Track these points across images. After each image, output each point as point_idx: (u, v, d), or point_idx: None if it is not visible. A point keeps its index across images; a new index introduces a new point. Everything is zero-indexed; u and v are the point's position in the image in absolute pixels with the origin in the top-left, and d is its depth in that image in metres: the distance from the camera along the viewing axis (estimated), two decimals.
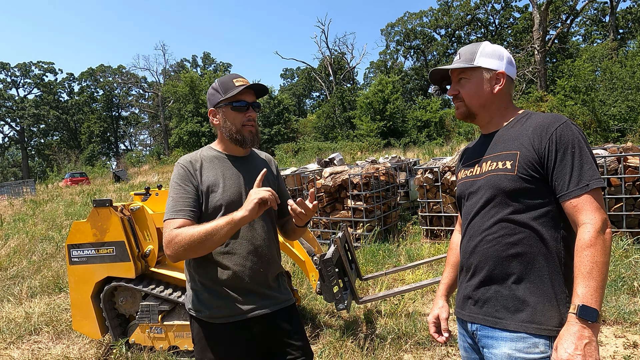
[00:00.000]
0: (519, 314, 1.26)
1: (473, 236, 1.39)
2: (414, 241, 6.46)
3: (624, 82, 18.37)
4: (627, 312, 3.44)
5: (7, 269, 6.81)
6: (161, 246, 3.37)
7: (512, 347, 1.25)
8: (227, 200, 1.61)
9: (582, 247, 1.18)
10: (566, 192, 1.23)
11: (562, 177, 1.24)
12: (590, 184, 1.20)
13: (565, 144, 1.24)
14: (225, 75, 1.74)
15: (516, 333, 1.25)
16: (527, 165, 1.27)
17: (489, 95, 1.41)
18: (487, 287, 1.33)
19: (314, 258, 3.36)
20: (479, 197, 1.37)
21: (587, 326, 1.12)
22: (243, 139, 1.68)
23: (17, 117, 53.46)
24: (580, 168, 1.22)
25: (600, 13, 41.42)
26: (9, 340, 4.00)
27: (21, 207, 14.95)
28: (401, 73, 46.39)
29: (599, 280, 1.14)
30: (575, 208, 1.21)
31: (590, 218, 1.19)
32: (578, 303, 1.14)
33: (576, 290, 1.16)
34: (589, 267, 1.15)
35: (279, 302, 1.70)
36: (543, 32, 23.82)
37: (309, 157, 24.96)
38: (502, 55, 1.42)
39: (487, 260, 1.33)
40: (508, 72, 1.42)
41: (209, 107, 1.73)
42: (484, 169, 1.38)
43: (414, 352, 3.22)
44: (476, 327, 1.37)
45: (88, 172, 34.63)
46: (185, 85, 37.67)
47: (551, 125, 1.27)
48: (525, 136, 1.31)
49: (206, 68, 59.14)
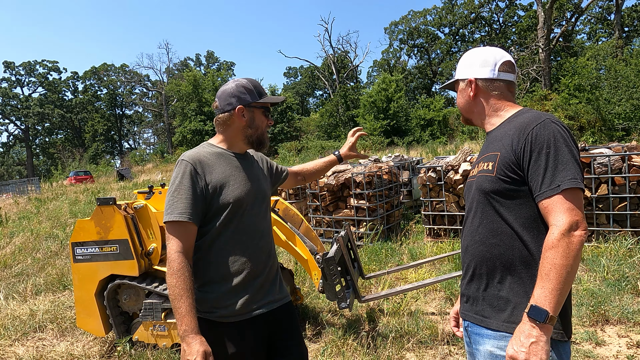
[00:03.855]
0: (502, 314, 1.30)
1: (466, 236, 1.44)
2: (417, 240, 6.45)
3: (629, 81, 18.26)
4: (630, 312, 3.42)
5: (12, 266, 6.86)
6: (164, 244, 3.38)
7: (494, 345, 1.30)
8: (235, 197, 1.62)
9: (545, 249, 1.18)
10: (539, 193, 1.22)
11: (536, 178, 1.23)
12: (562, 185, 1.19)
13: (540, 144, 1.23)
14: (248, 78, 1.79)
15: (498, 332, 1.29)
16: (505, 166, 1.28)
17: (470, 101, 1.50)
18: (476, 285, 1.38)
19: (316, 256, 3.36)
20: (471, 198, 1.42)
21: (537, 326, 1.15)
22: (264, 142, 1.78)
23: (22, 115, 53.73)
24: (554, 168, 1.21)
25: (605, 11, 41.12)
26: (13, 338, 4.03)
27: (26, 205, 15.05)
28: (405, 72, 46.28)
29: (555, 282, 1.14)
30: (546, 209, 1.21)
31: (558, 219, 1.18)
32: (531, 303, 1.17)
33: (534, 291, 1.18)
34: (547, 268, 1.16)
35: (279, 298, 1.74)
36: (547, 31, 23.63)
37: (312, 156, 24.94)
38: (473, 61, 1.47)
39: (475, 260, 1.38)
40: (477, 76, 1.45)
41: (234, 104, 1.69)
42: (477, 170, 1.42)
43: (416, 351, 3.22)
44: (467, 324, 1.43)
45: (92, 170, 34.79)
46: (188, 84, 37.77)
47: (529, 125, 1.27)
48: (507, 137, 1.32)
49: (210, 67, 59.23)
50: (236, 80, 1.75)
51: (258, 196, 1.72)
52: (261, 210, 1.73)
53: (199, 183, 1.58)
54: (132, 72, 56.88)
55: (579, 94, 19.02)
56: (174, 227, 1.53)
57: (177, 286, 1.46)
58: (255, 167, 1.81)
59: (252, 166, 1.79)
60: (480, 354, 1.34)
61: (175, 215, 1.52)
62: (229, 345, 1.59)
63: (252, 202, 1.68)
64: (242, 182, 1.67)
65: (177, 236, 1.52)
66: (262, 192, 1.75)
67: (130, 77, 56.87)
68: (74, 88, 59.77)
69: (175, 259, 1.49)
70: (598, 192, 5.09)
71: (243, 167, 1.72)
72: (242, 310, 1.61)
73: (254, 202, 1.69)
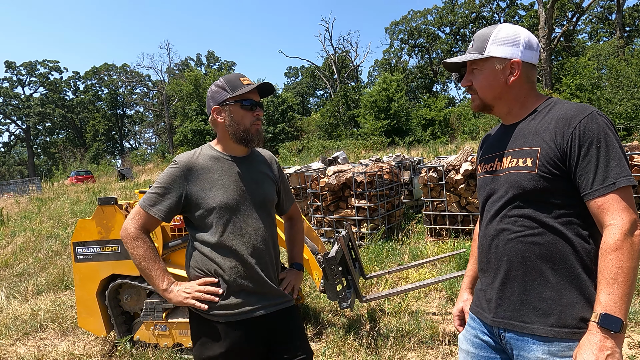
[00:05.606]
0: (548, 318, 1.19)
1: (494, 235, 1.31)
2: (418, 240, 6.45)
3: (630, 80, 18.24)
4: (632, 312, 3.42)
5: (14, 266, 6.87)
6: (165, 244, 3.39)
7: (544, 352, 1.18)
8: (220, 203, 1.61)
9: (607, 251, 1.09)
10: (590, 191, 1.14)
11: (586, 175, 1.14)
12: (618, 182, 1.11)
13: (590, 138, 1.14)
14: (229, 73, 1.75)
15: (546, 337, 1.18)
16: (549, 162, 1.18)
17: (503, 86, 1.31)
18: (514, 288, 1.25)
19: (317, 256, 3.36)
20: (500, 196, 1.30)
21: (610, 336, 1.05)
22: (251, 138, 1.68)
23: (23, 115, 53.78)
24: (606, 164, 1.12)
25: (606, 11, 41.06)
26: (15, 337, 4.03)
27: (27, 204, 15.06)
28: (405, 71, 46.29)
29: (625, 287, 1.06)
30: (600, 208, 1.12)
31: (617, 219, 1.09)
32: (600, 311, 1.07)
33: (599, 297, 1.08)
34: (614, 272, 1.07)
35: (280, 302, 1.71)
36: (549, 30, 23.61)
37: (313, 156, 24.94)
38: (518, 40, 1.29)
39: (511, 260, 1.26)
40: (525, 59, 1.29)
41: (212, 105, 1.68)
42: (505, 165, 1.30)
43: (417, 351, 3.22)
44: (503, 331, 1.29)
45: (93, 170, 34.79)
46: (189, 84, 37.80)
47: (574, 117, 1.17)
48: (546, 130, 1.21)
49: (210, 66, 59.26)
50: (215, 81, 1.74)
51: (254, 200, 1.68)
52: (259, 213, 1.69)
53: (182, 186, 1.63)
54: (133, 72, 56.94)
55: (580, 93, 19.01)
56: (140, 212, 1.63)
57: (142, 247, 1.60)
58: (257, 170, 1.75)
59: (251, 169, 1.73)
60: None
61: (146, 207, 1.63)
62: (220, 344, 1.60)
63: (245, 205, 1.66)
64: (230, 186, 1.64)
65: (139, 219, 1.63)
66: (260, 196, 1.71)
67: (131, 77, 56.92)
68: (75, 88, 59.81)
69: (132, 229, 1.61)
70: None
71: (238, 171, 1.68)
72: (237, 311, 1.61)
73: (247, 205, 1.66)
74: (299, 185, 7.77)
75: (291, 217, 2.01)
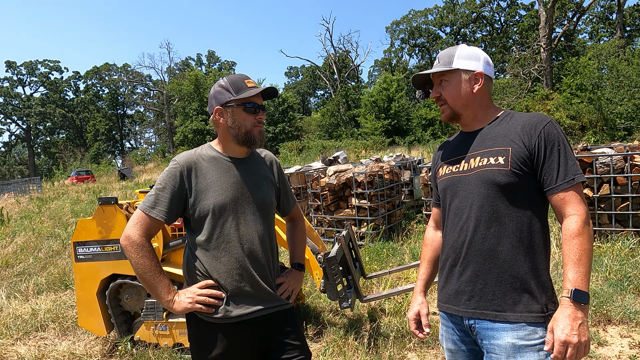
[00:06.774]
0: (518, 305, 1.33)
1: (465, 230, 1.42)
2: (418, 240, 6.44)
3: (631, 80, 18.23)
4: (632, 312, 3.41)
5: (14, 266, 6.88)
6: (165, 244, 3.39)
7: (514, 337, 1.32)
8: (217, 205, 1.60)
9: (571, 236, 1.27)
10: (555, 186, 1.33)
11: (550, 172, 1.33)
12: (576, 178, 1.31)
13: (552, 141, 1.34)
14: (231, 74, 1.73)
15: (517, 323, 1.32)
16: (519, 160, 1.35)
17: (469, 94, 1.48)
18: (483, 280, 1.38)
19: (318, 256, 3.36)
20: (470, 192, 1.42)
21: (580, 308, 1.22)
22: (252, 140, 1.67)
23: (24, 115, 53.84)
24: (565, 164, 1.32)
25: (607, 11, 41.03)
26: (15, 337, 4.04)
27: (28, 204, 15.08)
28: (406, 71, 46.23)
29: (588, 266, 1.25)
30: (562, 200, 1.32)
31: (577, 209, 1.30)
32: (570, 287, 1.23)
33: (567, 275, 1.25)
34: (579, 254, 1.25)
35: (276, 305, 1.70)
36: (549, 30, 23.57)
37: (313, 156, 24.95)
38: (479, 56, 1.49)
39: (482, 254, 1.38)
40: (486, 72, 1.49)
41: (214, 105, 1.66)
42: (473, 165, 1.43)
43: (418, 351, 3.22)
44: (474, 322, 1.41)
45: (94, 170, 34.83)
46: (190, 84, 37.79)
47: (539, 123, 1.37)
48: (514, 133, 1.39)
49: (211, 66, 59.25)
50: (218, 81, 1.72)
51: (252, 202, 1.67)
52: (256, 216, 1.67)
53: (183, 186, 1.61)
54: (134, 72, 56.95)
55: (580, 93, 18.98)
56: (142, 216, 1.59)
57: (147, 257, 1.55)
58: (256, 172, 1.73)
59: (250, 171, 1.72)
60: (499, 349, 1.34)
61: (147, 209, 1.59)
62: (217, 346, 1.60)
63: (243, 207, 1.65)
64: (228, 188, 1.63)
65: (142, 225, 1.58)
66: (258, 198, 1.69)
67: (132, 76, 56.93)
68: (76, 88, 59.85)
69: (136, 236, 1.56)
70: (600, 191, 5.08)
71: (236, 173, 1.67)
72: (235, 313, 1.60)
73: (245, 207, 1.65)
74: (299, 185, 7.77)
75: (293, 217, 2.00)
